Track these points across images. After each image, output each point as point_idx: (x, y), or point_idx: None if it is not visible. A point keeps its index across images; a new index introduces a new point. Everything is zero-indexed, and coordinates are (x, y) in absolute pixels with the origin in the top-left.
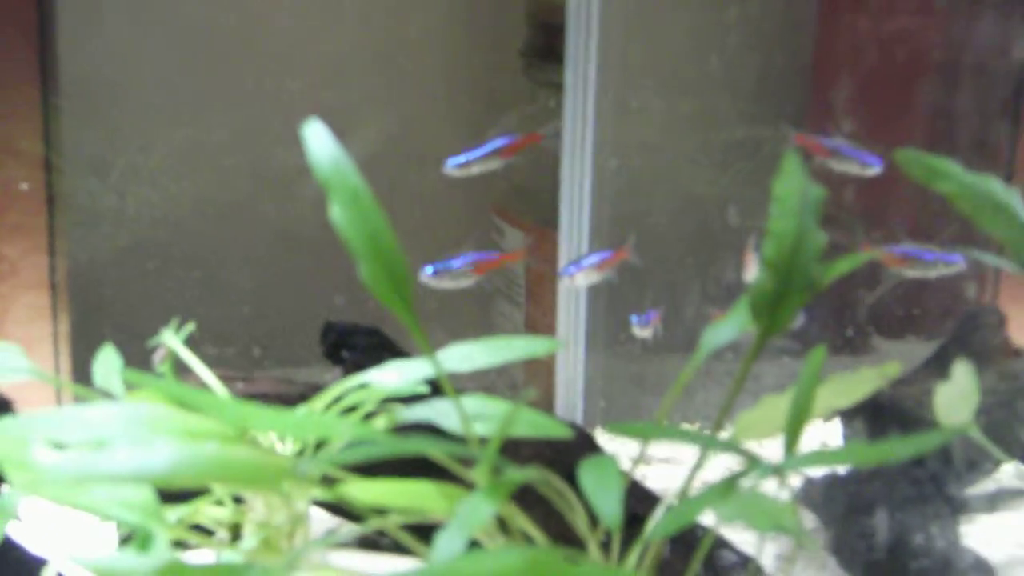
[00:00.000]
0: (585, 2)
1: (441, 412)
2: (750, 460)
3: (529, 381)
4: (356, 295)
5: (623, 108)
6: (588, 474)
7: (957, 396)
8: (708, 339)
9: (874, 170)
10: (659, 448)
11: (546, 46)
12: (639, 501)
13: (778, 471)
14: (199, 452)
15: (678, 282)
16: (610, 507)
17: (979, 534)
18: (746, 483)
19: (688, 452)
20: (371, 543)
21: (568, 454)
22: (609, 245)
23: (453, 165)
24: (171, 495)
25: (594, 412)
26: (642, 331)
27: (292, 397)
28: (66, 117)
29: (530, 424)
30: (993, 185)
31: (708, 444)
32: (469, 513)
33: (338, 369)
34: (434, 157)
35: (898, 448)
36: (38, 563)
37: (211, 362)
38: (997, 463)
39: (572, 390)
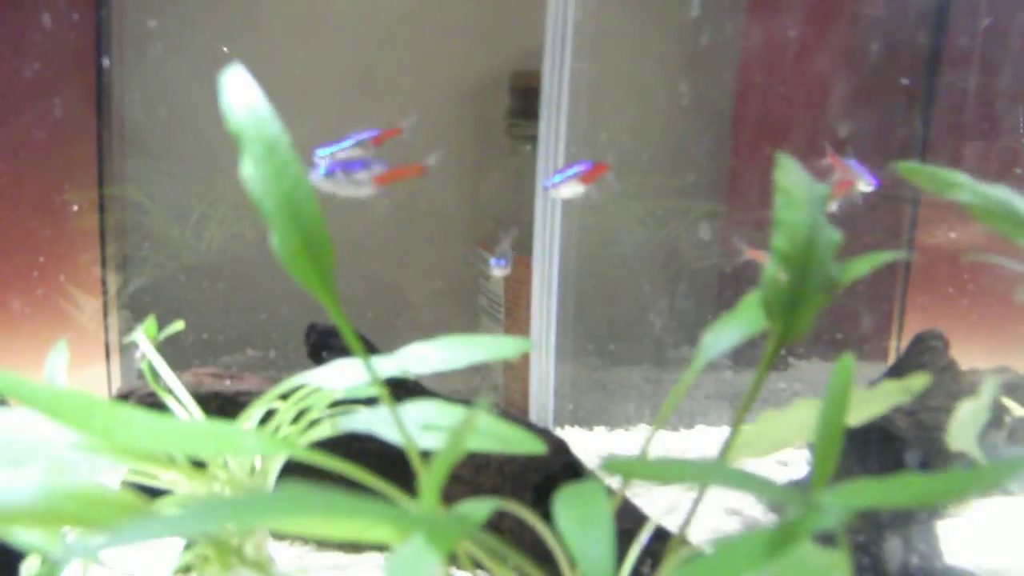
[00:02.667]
0: (558, 69)
1: (384, 421)
2: (802, 509)
3: (509, 385)
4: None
5: (589, 151)
6: (568, 511)
7: (967, 421)
8: (710, 343)
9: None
10: (622, 444)
11: (524, 108)
12: (625, 518)
13: (818, 517)
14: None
15: (640, 300)
16: (598, 555)
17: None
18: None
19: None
20: None
21: (543, 466)
22: (577, 270)
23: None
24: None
25: (564, 413)
26: (500, 271)
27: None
28: (118, 158)
29: (496, 437)
30: (1007, 193)
31: (729, 480)
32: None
33: None
34: (434, 208)
35: (963, 482)
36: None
37: (233, 363)
38: None
39: (544, 393)
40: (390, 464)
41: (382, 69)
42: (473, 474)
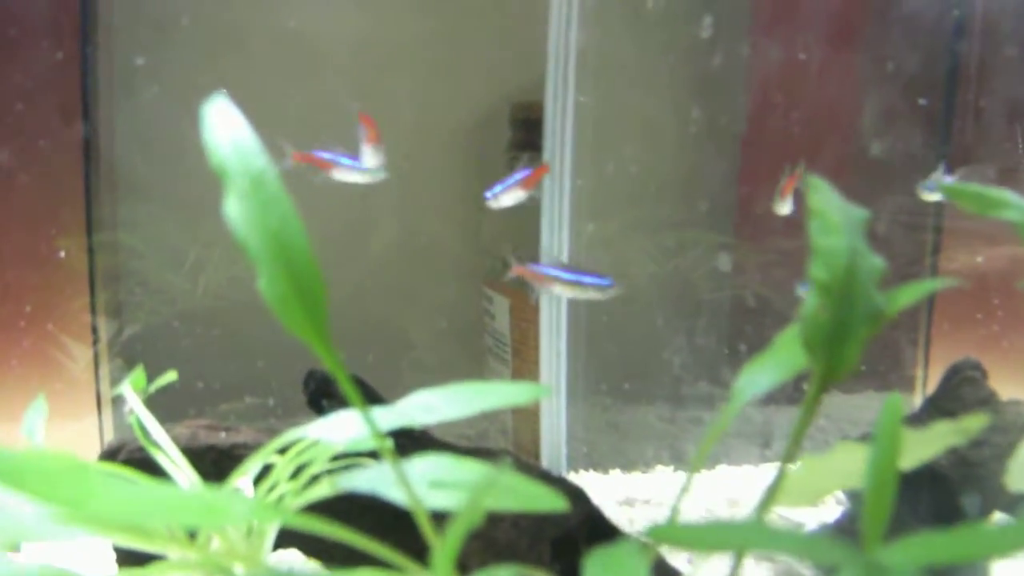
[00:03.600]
0: (560, 98)
1: (388, 480)
2: (863, 572)
3: (519, 428)
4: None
5: (596, 182)
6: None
7: None
8: (746, 385)
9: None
10: (641, 487)
11: (525, 140)
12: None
13: None
14: None
15: (653, 335)
16: None
17: None
18: None
19: (670, 492)
20: None
21: (562, 518)
22: (586, 307)
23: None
24: None
25: (577, 456)
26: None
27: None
28: (108, 202)
29: (514, 494)
30: None
31: (788, 546)
32: None
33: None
34: (436, 246)
35: None
36: None
37: (230, 412)
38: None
39: (556, 436)
40: (398, 519)
41: (379, 102)
42: (486, 528)
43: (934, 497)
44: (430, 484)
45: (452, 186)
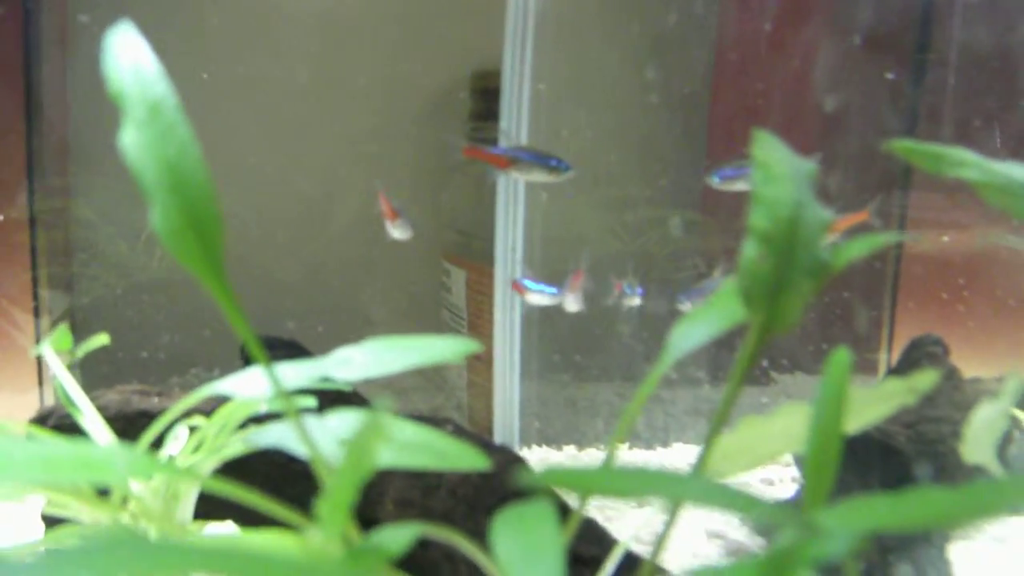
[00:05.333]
0: (518, 64)
1: (297, 436)
2: (800, 532)
3: (473, 404)
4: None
5: (552, 149)
6: (509, 537)
7: (983, 430)
8: (678, 340)
9: None
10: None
11: (486, 110)
12: (589, 542)
13: (821, 542)
14: None
15: (610, 310)
16: None
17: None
18: None
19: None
20: None
21: (501, 487)
22: (541, 279)
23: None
24: None
25: (530, 432)
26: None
27: (206, 411)
28: (57, 172)
29: (428, 451)
30: (1019, 169)
31: (705, 495)
32: None
33: None
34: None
35: (993, 496)
36: None
37: (177, 384)
38: None
39: (509, 411)
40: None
41: (337, 72)
42: (422, 496)
43: (889, 474)
44: (339, 440)
45: (412, 159)
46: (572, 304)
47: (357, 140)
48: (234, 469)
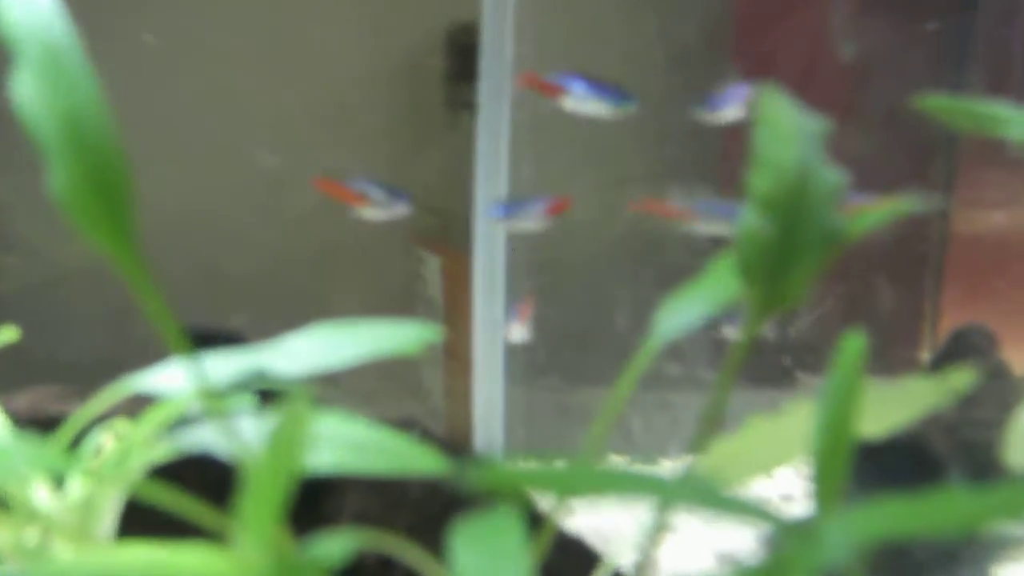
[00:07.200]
0: (499, 16)
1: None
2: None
3: (451, 410)
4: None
5: (537, 120)
6: (469, 549)
7: None
8: (663, 320)
9: None
10: None
11: (463, 70)
12: (568, 557)
13: (817, 550)
14: None
15: (608, 303)
16: None
17: None
18: None
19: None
20: None
21: (473, 503)
22: (527, 268)
23: None
24: None
25: (516, 441)
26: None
27: (131, 413)
28: None
29: (383, 453)
30: None
31: (685, 494)
32: None
33: None
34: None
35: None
36: None
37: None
38: None
39: (492, 418)
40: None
41: (299, 32)
42: (384, 512)
43: (922, 485)
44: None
45: (381, 128)
46: (517, 335)
47: (318, 112)
48: (166, 478)
